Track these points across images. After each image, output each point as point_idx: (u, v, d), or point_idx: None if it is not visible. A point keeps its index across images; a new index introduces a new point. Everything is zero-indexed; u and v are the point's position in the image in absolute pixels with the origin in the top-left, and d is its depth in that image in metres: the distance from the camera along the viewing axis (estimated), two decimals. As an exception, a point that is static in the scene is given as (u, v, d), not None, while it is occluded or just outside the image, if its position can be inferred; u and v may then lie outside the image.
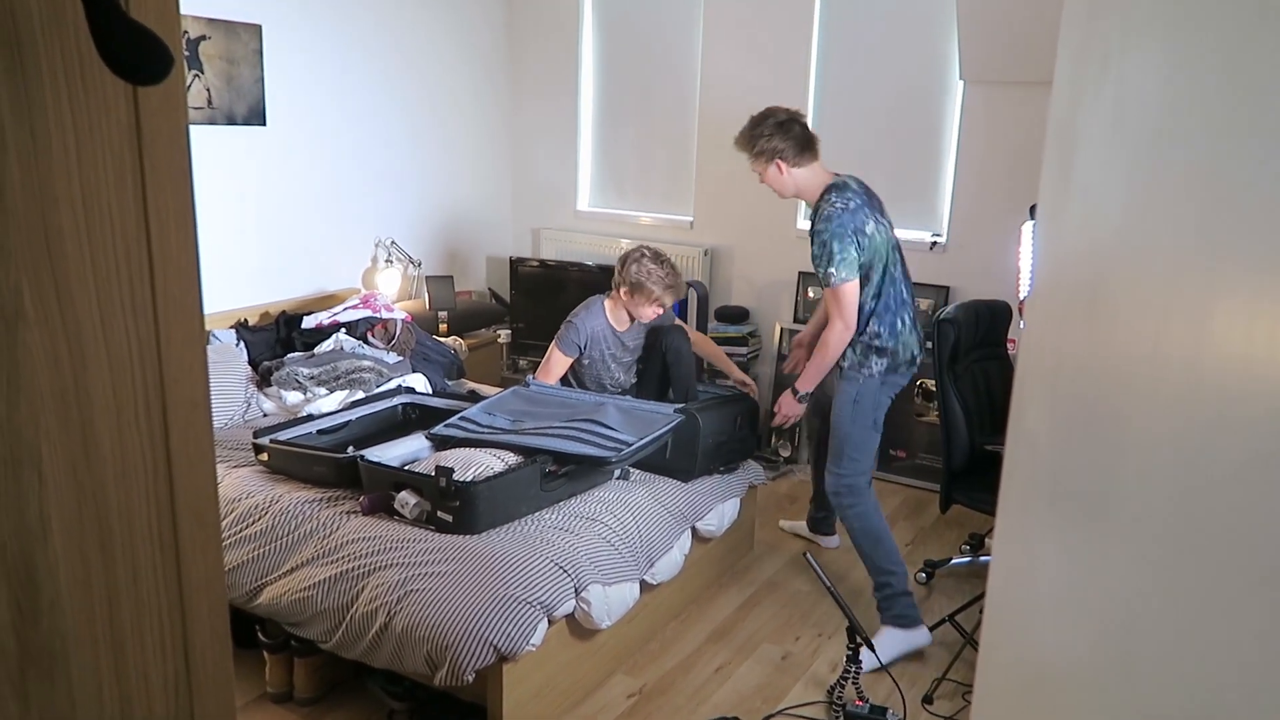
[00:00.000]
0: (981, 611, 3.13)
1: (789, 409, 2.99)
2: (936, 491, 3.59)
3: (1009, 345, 3.38)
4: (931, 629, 2.93)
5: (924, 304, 4.25)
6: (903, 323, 2.87)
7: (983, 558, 3.49)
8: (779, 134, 2.84)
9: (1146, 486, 0.61)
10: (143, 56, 0.64)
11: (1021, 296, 3.42)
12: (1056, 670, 0.73)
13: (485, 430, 2.96)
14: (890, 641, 2.85)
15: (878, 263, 2.83)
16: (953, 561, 3.44)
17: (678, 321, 3.59)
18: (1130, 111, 0.66)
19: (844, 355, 2.87)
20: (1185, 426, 0.56)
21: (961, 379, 3.01)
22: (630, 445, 2.83)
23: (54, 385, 0.69)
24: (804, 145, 2.86)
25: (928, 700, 2.64)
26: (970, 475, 2.99)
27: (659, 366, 3.49)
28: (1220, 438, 0.53)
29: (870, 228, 2.79)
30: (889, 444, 4.29)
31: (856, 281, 2.78)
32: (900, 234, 4.27)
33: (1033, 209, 3.23)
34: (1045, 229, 0.83)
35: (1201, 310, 0.56)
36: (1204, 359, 0.55)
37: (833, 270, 2.74)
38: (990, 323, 3.21)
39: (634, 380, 3.59)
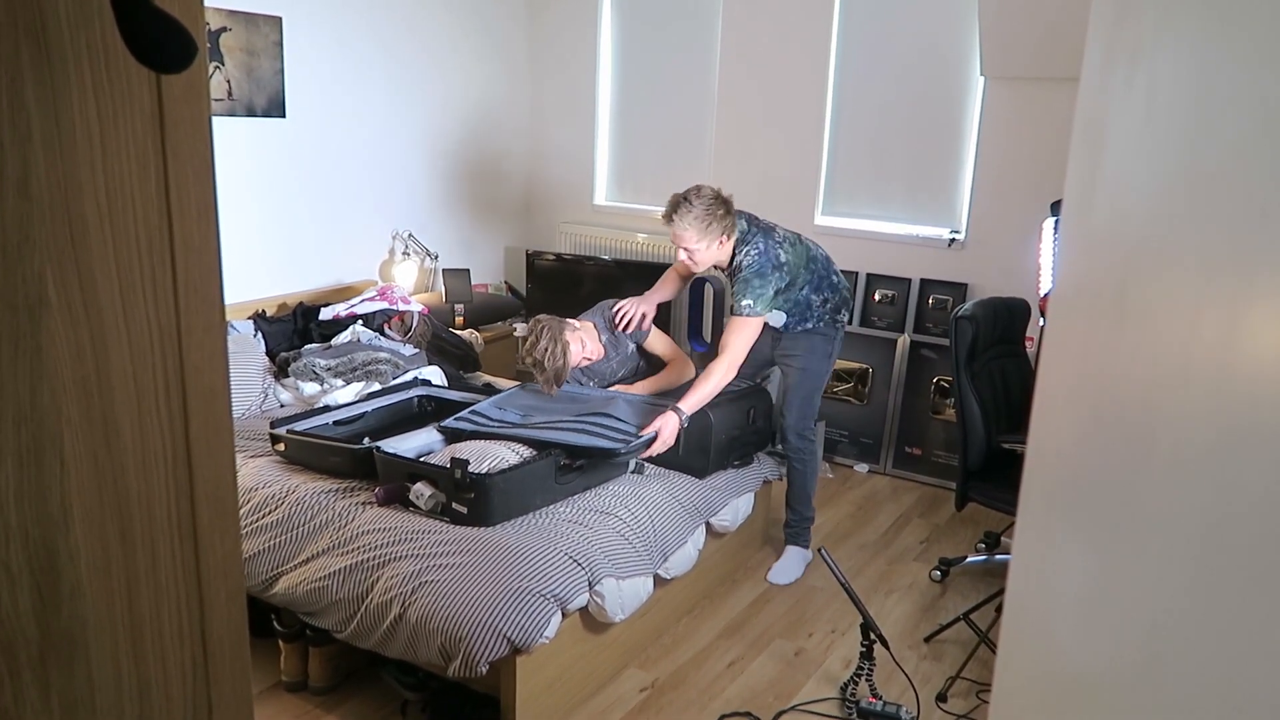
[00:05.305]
0: (997, 610, 3.09)
1: (672, 433, 2.87)
2: (952, 489, 3.57)
3: (1027, 343, 3.36)
4: (946, 627, 2.93)
5: (941, 300, 4.22)
6: (837, 276, 3.22)
7: (998, 556, 3.47)
8: (731, 212, 2.94)
9: (1175, 491, 0.60)
10: (167, 44, 0.64)
11: (1041, 293, 3.39)
12: (1079, 674, 0.72)
13: (496, 424, 2.97)
14: (798, 559, 3.34)
15: (799, 269, 3.05)
16: (968, 560, 3.42)
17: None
18: (1162, 106, 0.65)
19: (816, 317, 3.15)
20: (1216, 431, 0.56)
21: (979, 376, 3.00)
22: (640, 436, 2.83)
23: (76, 373, 0.69)
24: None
25: (941, 698, 2.63)
26: (987, 473, 2.97)
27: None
28: (1253, 443, 0.52)
29: (783, 255, 3.00)
30: (905, 441, 4.28)
31: (762, 321, 3.00)
32: (917, 230, 4.30)
33: (1054, 206, 3.20)
34: (1070, 227, 0.81)
35: (1233, 312, 0.55)
36: (1236, 362, 0.54)
37: (747, 303, 2.93)
38: (1008, 320, 3.19)
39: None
